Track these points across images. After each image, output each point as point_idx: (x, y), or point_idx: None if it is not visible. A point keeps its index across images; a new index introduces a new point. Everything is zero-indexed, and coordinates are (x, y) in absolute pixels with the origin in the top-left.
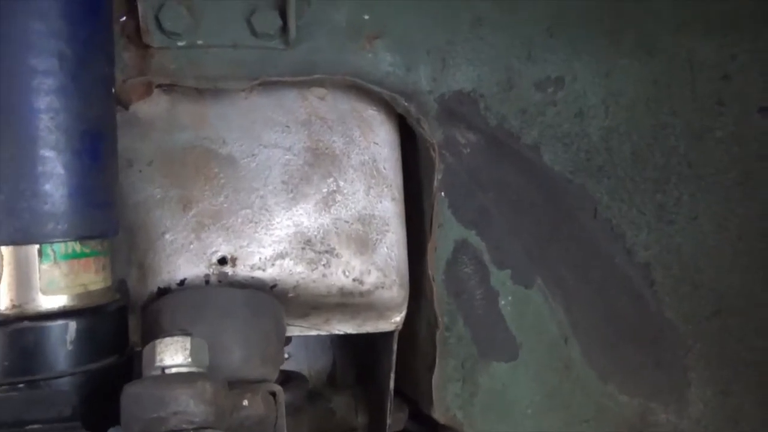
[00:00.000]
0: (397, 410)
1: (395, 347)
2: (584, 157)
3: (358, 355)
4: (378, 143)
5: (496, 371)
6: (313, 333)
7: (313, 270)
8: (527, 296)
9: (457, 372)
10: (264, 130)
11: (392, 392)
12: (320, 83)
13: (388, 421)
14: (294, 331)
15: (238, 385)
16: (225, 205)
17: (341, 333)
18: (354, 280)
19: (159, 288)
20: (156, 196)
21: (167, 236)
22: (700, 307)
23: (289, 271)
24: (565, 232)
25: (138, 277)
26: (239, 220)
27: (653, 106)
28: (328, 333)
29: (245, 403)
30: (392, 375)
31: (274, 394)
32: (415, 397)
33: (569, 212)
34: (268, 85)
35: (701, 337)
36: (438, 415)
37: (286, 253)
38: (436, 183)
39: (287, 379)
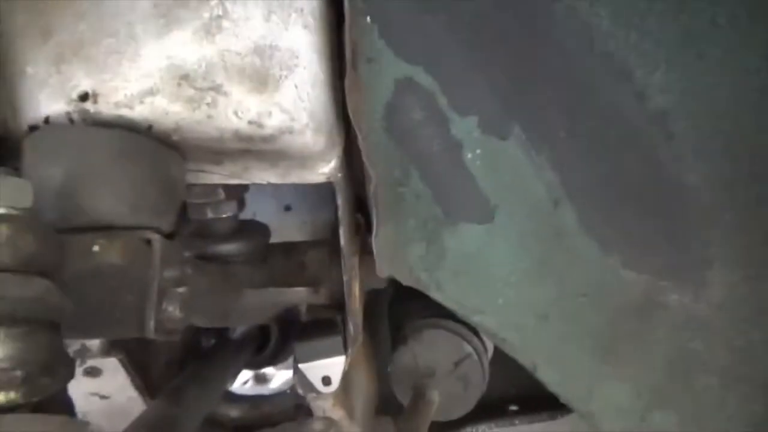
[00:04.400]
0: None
1: (338, 201)
2: None
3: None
4: None
5: (466, 234)
6: (235, 182)
7: (194, 110)
8: (502, 149)
9: (418, 232)
10: None
11: (343, 249)
12: None
13: (345, 278)
14: (214, 178)
15: (92, 231)
16: (87, 34)
17: (265, 183)
18: (250, 122)
19: (29, 126)
20: (17, 24)
21: (29, 69)
22: (733, 169)
23: (163, 110)
24: (552, 70)
25: (12, 116)
26: (102, 50)
27: None
28: (250, 182)
29: (95, 249)
30: (341, 230)
31: (149, 242)
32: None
33: (556, 43)
34: None
35: (732, 208)
36: (399, 276)
37: (158, 90)
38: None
39: (241, 228)
